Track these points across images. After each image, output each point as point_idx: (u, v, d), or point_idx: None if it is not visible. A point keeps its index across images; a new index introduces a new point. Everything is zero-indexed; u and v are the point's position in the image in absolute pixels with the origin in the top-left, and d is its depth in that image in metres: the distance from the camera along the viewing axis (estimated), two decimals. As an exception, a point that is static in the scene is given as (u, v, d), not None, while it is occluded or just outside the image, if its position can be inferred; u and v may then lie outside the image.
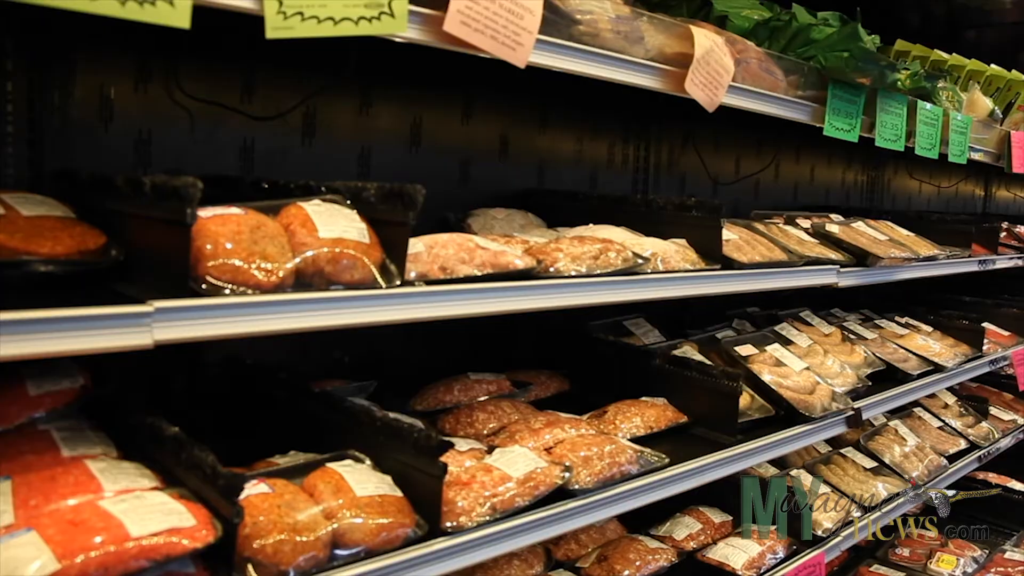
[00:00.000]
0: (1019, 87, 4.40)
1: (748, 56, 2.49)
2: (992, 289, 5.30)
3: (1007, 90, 4.38)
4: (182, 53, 2.07)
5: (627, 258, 2.10)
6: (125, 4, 1.22)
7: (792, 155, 4.37)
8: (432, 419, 2.29)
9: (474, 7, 1.66)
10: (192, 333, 1.33)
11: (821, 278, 2.78)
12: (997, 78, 4.35)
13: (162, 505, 1.34)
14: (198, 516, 1.34)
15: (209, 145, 2.18)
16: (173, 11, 1.26)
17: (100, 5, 1.20)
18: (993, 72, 4.32)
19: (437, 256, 1.75)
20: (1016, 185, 7.16)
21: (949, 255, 3.72)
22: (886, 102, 3.04)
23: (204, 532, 1.33)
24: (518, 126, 2.90)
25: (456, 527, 1.66)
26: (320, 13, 1.46)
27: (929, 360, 3.59)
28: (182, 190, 1.33)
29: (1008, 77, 4.39)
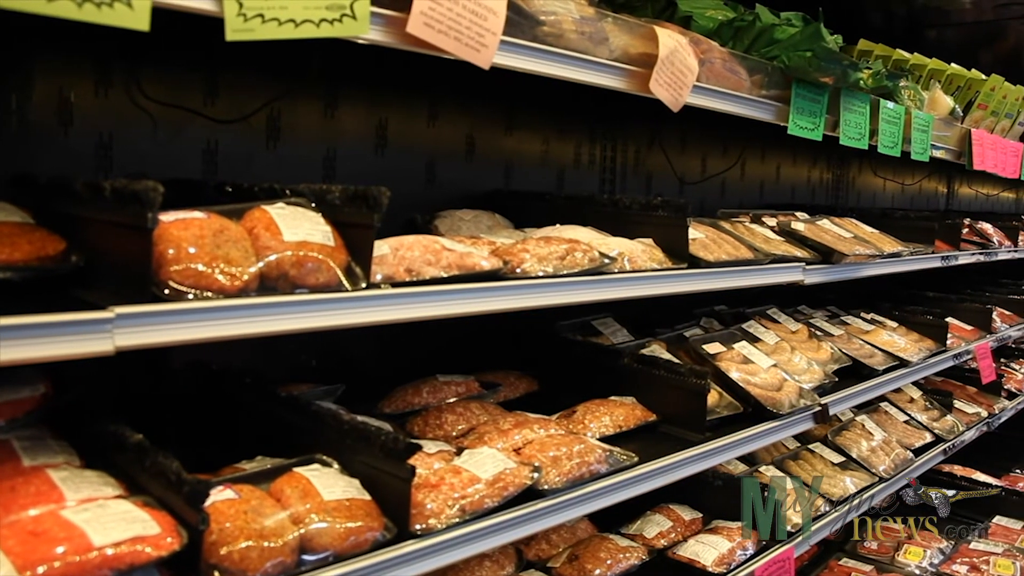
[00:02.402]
0: (979, 86, 4.46)
1: (712, 56, 2.50)
2: (955, 284, 5.38)
3: (967, 88, 4.45)
4: (143, 55, 2.05)
5: (593, 258, 2.11)
6: (82, 6, 1.20)
7: (758, 154, 4.41)
8: (401, 421, 2.29)
9: (437, 8, 1.66)
10: (154, 339, 1.31)
11: (787, 276, 2.81)
12: (957, 77, 4.41)
13: (126, 513, 1.32)
14: (163, 524, 1.33)
15: (172, 148, 2.15)
16: (131, 13, 1.25)
17: (57, 7, 1.18)
18: (953, 71, 4.38)
19: (403, 258, 1.74)
20: (977, 182, 7.27)
21: (913, 252, 3.77)
22: (849, 101, 3.07)
23: (169, 540, 1.31)
24: (484, 127, 2.90)
25: (425, 529, 1.66)
26: (281, 15, 1.45)
27: (894, 356, 3.63)
28: (142, 194, 1.31)
29: (968, 76, 4.45)
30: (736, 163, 4.18)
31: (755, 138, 4.28)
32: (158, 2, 1.28)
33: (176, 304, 1.35)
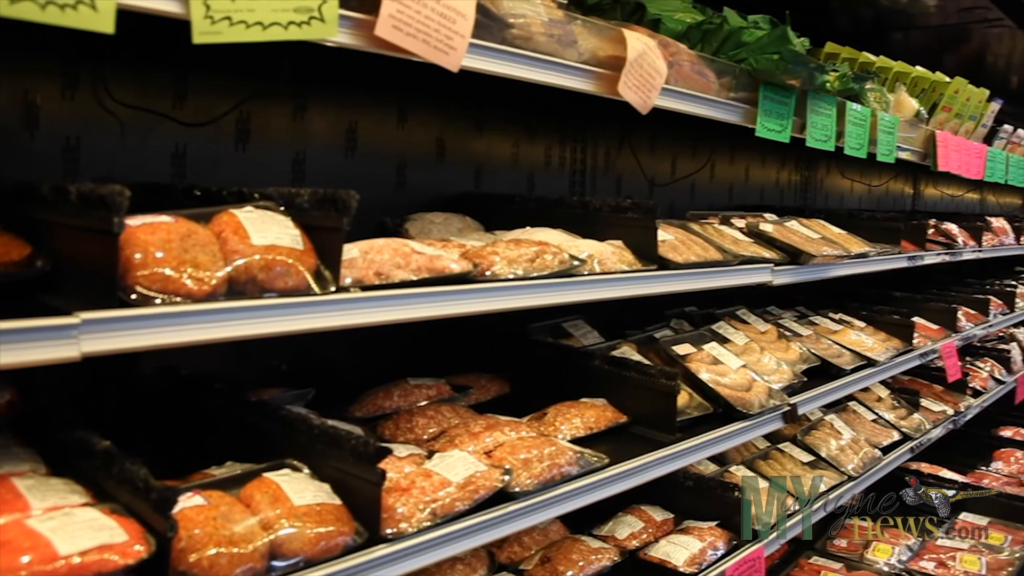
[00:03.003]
0: (943, 88, 4.53)
1: (681, 59, 2.52)
2: (921, 284, 5.45)
3: (932, 91, 4.50)
4: (111, 58, 2.03)
5: (563, 260, 2.12)
6: (45, 8, 1.19)
7: (727, 156, 4.44)
8: (372, 425, 2.28)
9: (406, 11, 1.66)
10: (121, 344, 1.30)
11: (755, 277, 2.83)
12: (922, 79, 4.47)
13: (92, 521, 1.31)
14: (130, 531, 1.32)
15: (140, 152, 2.13)
16: (96, 16, 1.24)
17: (19, 9, 1.17)
18: (918, 73, 4.44)
19: (372, 261, 1.74)
20: (943, 183, 7.37)
21: (880, 252, 3.81)
22: (816, 103, 3.10)
23: (137, 547, 1.30)
24: (454, 130, 2.90)
25: (396, 533, 1.66)
26: (248, 18, 1.44)
27: (862, 355, 3.67)
28: (109, 199, 1.30)
29: (932, 78, 4.51)
30: (705, 165, 4.20)
31: (724, 140, 4.32)
32: (123, 4, 1.27)
33: (143, 309, 1.34)
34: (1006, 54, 5.59)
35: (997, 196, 8.85)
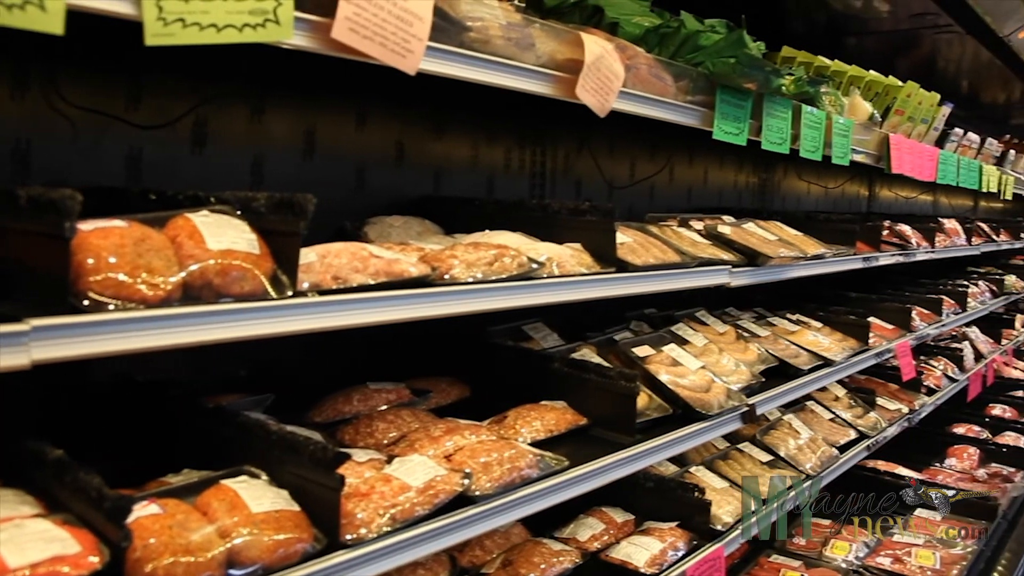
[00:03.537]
0: (896, 92, 4.60)
1: (638, 62, 2.54)
2: (877, 285, 5.54)
3: (885, 95, 4.58)
4: (62, 59, 2.00)
5: (522, 263, 2.12)
6: (-9, 9, 1.16)
7: (685, 159, 4.47)
8: (331, 431, 2.26)
9: (362, 14, 1.65)
10: (73, 351, 1.28)
11: (713, 278, 2.85)
12: (876, 83, 4.54)
13: (44, 532, 1.28)
14: (83, 542, 1.30)
15: (94, 155, 2.10)
16: (45, 16, 1.21)
17: (-35, 11, 1.15)
18: (872, 78, 4.51)
19: (330, 266, 1.73)
20: (897, 185, 7.50)
21: (835, 253, 3.86)
22: (772, 106, 3.13)
23: (91, 559, 1.28)
24: (414, 133, 2.89)
25: (356, 539, 1.65)
26: (202, 20, 1.42)
27: (819, 355, 3.71)
28: (60, 203, 1.28)
29: (885, 82, 4.59)
30: (664, 168, 4.23)
31: (683, 143, 4.35)
32: (72, 5, 1.25)
33: (96, 315, 1.32)
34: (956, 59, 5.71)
35: (949, 198, 9.01)
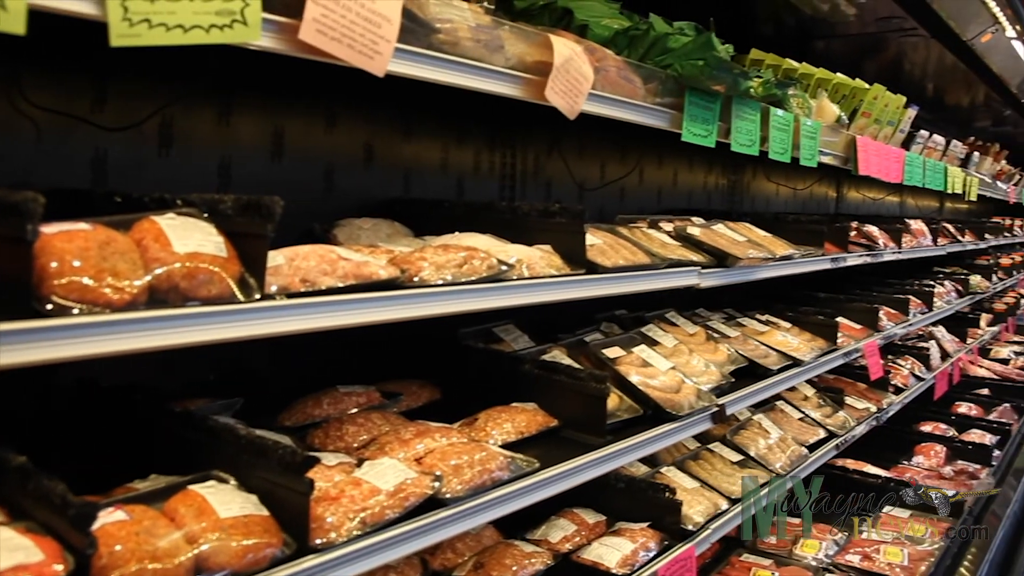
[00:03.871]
0: (862, 94, 4.65)
1: (607, 64, 2.54)
2: (845, 285, 5.60)
3: (852, 97, 4.63)
4: (26, 59, 1.97)
5: (492, 265, 2.12)
6: (-48, 10, 1.15)
7: (655, 160, 4.49)
8: (301, 434, 2.25)
9: (330, 15, 1.64)
10: (36, 356, 1.26)
11: (683, 280, 2.86)
12: (843, 86, 4.59)
13: (7, 541, 1.26)
14: (47, 550, 1.28)
15: (58, 157, 2.07)
16: (6, 16, 1.19)
17: (-76, 11, 1.13)
18: (839, 80, 4.56)
19: (298, 268, 1.72)
20: (864, 186, 7.58)
21: (804, 254, 3.89)
22: (741, 108, 3.15)
23: (55, 567, 1.26)
24: (383, 135, 2.88)
25: (326, 543, 1.64)
26: (169, 20, 1.41)
27: (788, 355, 3.74)
28: (22, 205, 1.26)
29: (852, 85, 4.64)
30: (634, 170, 4.25)
31: (652, 145, 4.36)
32: (35, 5, 1.23)
33: (59, 320, 1.30)
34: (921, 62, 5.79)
35: (916, 199, 9.13)
